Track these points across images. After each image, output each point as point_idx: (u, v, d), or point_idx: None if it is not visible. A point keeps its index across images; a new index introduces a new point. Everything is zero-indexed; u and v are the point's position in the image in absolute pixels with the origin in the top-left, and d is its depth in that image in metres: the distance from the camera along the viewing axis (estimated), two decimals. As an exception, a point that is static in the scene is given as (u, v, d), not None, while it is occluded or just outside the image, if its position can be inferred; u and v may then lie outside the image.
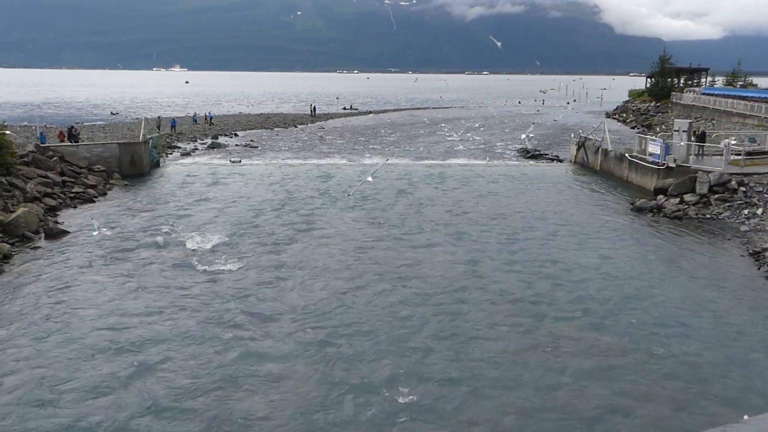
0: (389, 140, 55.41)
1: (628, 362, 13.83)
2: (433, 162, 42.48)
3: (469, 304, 16.95)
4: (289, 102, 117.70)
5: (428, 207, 28.62)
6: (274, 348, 14.34)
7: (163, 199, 29.74)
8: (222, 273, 19.28)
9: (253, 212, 27.16)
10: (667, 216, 26.60)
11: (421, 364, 13.57)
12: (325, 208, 28.27)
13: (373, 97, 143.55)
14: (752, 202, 25.79)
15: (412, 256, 21.26)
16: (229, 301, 17.06)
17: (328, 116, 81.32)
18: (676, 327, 15.72)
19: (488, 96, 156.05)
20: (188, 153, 45.38)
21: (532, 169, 40.12)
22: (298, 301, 17.13)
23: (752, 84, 78.57)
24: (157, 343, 14.47)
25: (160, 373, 13.09)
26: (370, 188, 32.48)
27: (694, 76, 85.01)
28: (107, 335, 14.82)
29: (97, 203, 28.77)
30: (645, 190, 31.04)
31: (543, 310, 16.62)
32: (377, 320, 15.91)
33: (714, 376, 13.33)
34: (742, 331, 15.52)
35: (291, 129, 64.96)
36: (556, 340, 14.84)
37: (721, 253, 21.81)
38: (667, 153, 30.26)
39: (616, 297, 17.69)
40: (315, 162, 41.73)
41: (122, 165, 35.11)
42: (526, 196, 31.32)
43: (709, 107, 59.05)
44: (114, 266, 19.84)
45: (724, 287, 18.47)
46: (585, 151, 40.54)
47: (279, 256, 21.12)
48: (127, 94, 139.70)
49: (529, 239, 23.39)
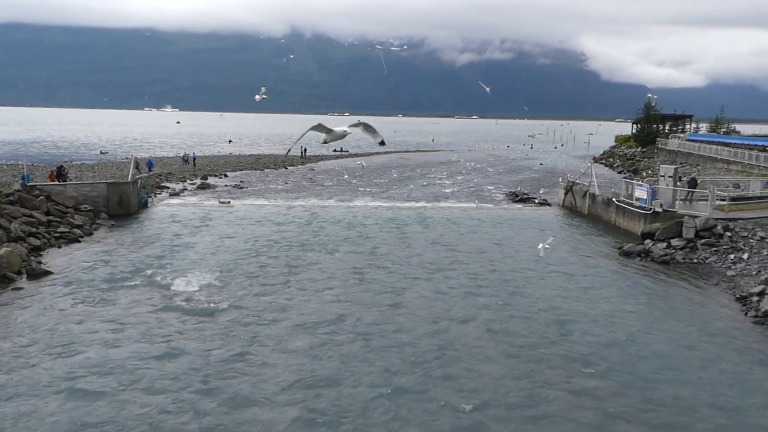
0: (379, 182, 55.70)
1: (617, 407, 13.67)
2: (422, 204, 42.65)
3: (458, 349, 16.73)
4: (281, 144, 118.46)
5: (417, 250, 28.55)
6: (262, 393, 14.01)
7: (150, 240, 29.49)
8: (209, 316, 18.97)
9: (241, 253, 26.96)
10: (655, 260, 26.68)
11: (411, 414, 13.28)
12: (313, 249, 28.13)
13: (364, 139, 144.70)
14: (738, 246, 25.97)
15: (401, 300, 21.08)
16: (216, 344, 16.74)
17: (319, 158, 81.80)
18: (666, 372, 15.64)
19: (477, 140, 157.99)
20: (177, 193, 45.30)
21: (521, 213, 40.34)
22: (285, 345, 16.84)
23: (735, 131, 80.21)
24: (141, 389, 14.09)
25: (145, 419, 12.71)
26: (360, 231, 32.48)
27: (679, 123, 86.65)
28: (89, 381, 14.44)
29: (83, 243, 28.46)
30: (632, 234, 31.21)
31: (532, 355, 16.44)
32: (366, 365, 15.63)
33: (704, 420, 13.23)
34: (732, 376, 15.44)
35: (281, 170, 65.21)
36: (546, 385, 14.65)
37: (708, 298, 21.81)
38: (654, 198, 30.57)
39: (606, 341, 17.55)
40: (304, 203, 41.76)
41: (110, 205, 34.92)
42: (515, 240, 31.36)
43: (694, 153, 59.98)
44: (97, 308, 19.49)
45: (712, 332, 18.41)
46: (573, 195, 40.88)
47: (266, 298, 20.87)
48: (118, 134, 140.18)
49: (518, 283, 23.31)
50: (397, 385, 14.58)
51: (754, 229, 26.92)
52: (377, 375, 15.13)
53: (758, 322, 19.12)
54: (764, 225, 27.27)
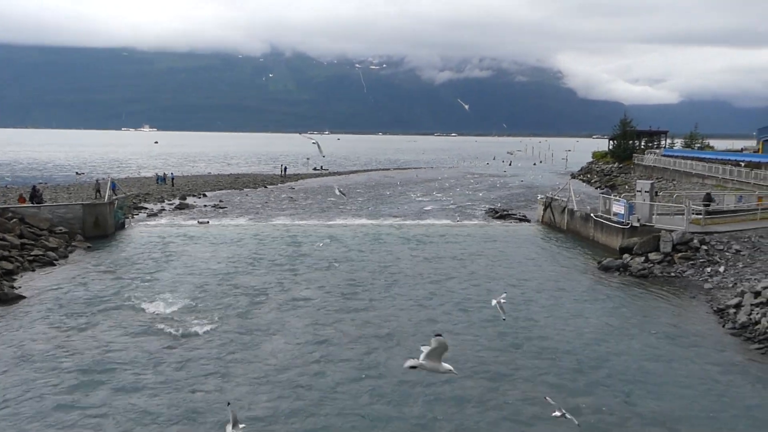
0: (359, 201, 55.64)
1: (599, 420, 13.65)
2: (403, 222, 42.62)
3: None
4: (260, 163, 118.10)
5: (398, 267, 28.47)
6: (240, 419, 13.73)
7: (126, 262, 29.04)
8: (188, 338, 18.65)
9: (219, 275, 26.64)
10: (634, 275, 26.89)
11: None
12: (293, 269, 27.90)
13: (345, 157, 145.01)
14: (714, 260, 26.29)
15: (381, 316, 20.95)
16: (195, 369, 16.43)
17: (299, 177, 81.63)
18: (646, 384, 15.76)
19: (457, 157, 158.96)
20: (155, 214, 44.80)
21: (501, 229, 40.50)
22: (264, 368, 16.58)
23: (709, 146, 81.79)
24: (117, 415, 13.75)
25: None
26: (341, 250, 32.33)
27: (654, 138, 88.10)
28: (63, 407, 14.05)
29: (58, 266, 27.91)
30: (611, 248, 31.46)
31: (513, 370, 16.42)
32: (346, 385, 15.46)
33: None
34: (711, 388, 15.59)
35: (261, 189, 64.89)
36: (526, 400, 14.60)
37: (687, 311, 22.00)
38: (631, 213, 30.90)
39: (586, 356, 17.59)
40: (284, 222, 41.50)
41: (86, 226, 34.36)
42: (496, 256, 31.43)
43: (670, 168, 60.97)
44: (72, 333, 19.04)
45: (691, 345, 18.56)
46: (552, 211, 41.18)
47: (245, 320, 20.61)
48: (95, 154, 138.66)
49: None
50: (378, 410, 14.41)
51: (730, 242, 27.31)
52: (359, 401, 14.94)
53: (735, 333, 19.32)
54: (739, 238, 27.68)
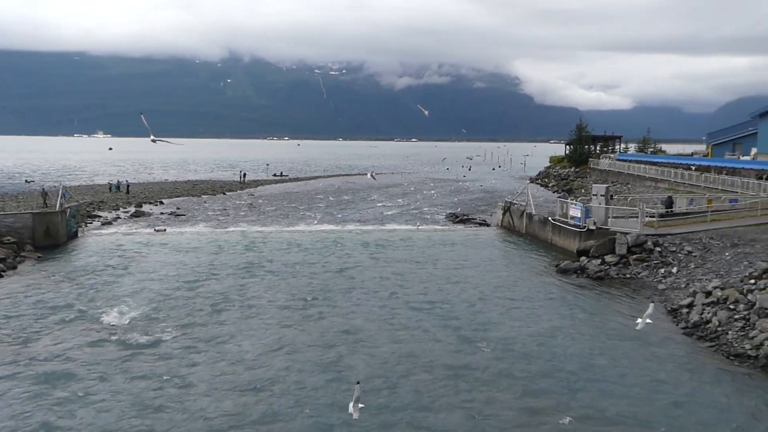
0: (320, 206, 55.33)
1: (556, 422, 13.79)
2: (363, 227, 42.53)
3: (397, 372, 16.57)
4: (219, 169, 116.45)
5: (358, 273, 28.36)
6: (195, 430, 13.41)
7: (80, 271, 28.16)
8: (143, 348, 18.17)
9: (176, 284, 26.06)
10: (591, 277, 27.41)
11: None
12: (251, 276, 27.51)
13: (305, 163, 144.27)
14: (667, 261, 27.00)
15: (341, 323, 20.80)
16: (151, 380, 15.99)
17: (258, 183, 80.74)
18: (603, 383, 16.09)
19: (417, 162, 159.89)
20: (110, 222, 43.63)
21: (461, 234, 40.82)
22: (224, 376, 16.26)
23: (661, 150, 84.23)
24: (70, 427, 13.25)
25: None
26: (301, 256, 32.05)
27: (609, 143, 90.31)
28: (13, 420, 13.47)
29: (6, 278, 26.84)
30: (568, 251, 32.01)
31: (471, 373, 16.51)
32: (305, 394, 15.27)
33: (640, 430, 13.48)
34: (666, 386, 15.98)
35: (219, 196, 63.91)
36: (486, 403, 14.68)
37: (642, 311, 22.41)
38: (587, 216, 31.52)
39: (543, 358, 17.82)
40: (243, 229, 40.91)
41: (36, 236, 33.24)
42: (455, 260, 31.62)
43: (624, 172, 62.49)
44: (21, 347, 18.32)
45: (645, 344, 18.99)
46: (511, 215, 41.72)
47: (204, 327, 20.19)
48: (45, 161, 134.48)
49: (457, 302, 23.44)
50: (340, 413, 14.27)
51: (682, 243, 28.09)
52: (321, 403, 14.78)
53: (688, 333, 19.87)
54: (691, 240, 28.49)
